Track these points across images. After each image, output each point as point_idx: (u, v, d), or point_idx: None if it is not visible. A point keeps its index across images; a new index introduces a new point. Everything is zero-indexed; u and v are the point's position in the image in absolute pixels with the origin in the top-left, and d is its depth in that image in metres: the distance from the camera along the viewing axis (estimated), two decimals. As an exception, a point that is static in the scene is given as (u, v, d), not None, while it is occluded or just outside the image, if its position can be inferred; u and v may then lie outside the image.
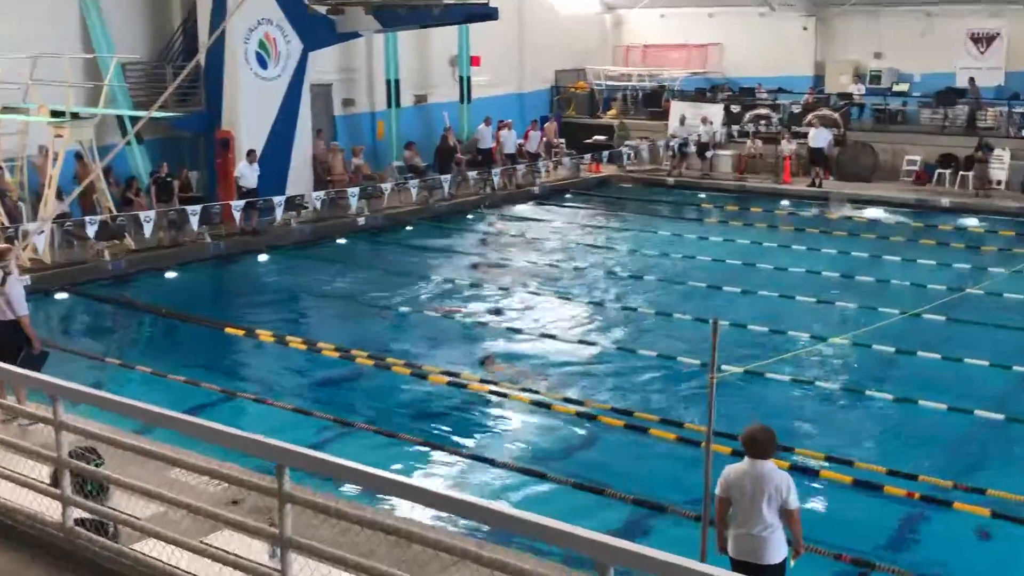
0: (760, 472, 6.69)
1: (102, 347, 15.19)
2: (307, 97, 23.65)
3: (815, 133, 27.57)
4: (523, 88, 33.00)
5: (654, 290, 18.09)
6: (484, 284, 18.53)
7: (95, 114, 18.95)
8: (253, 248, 20.91)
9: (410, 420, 12.16)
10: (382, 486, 5.43)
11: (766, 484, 6.65)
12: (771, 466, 6.76)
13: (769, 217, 24.77)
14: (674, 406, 12.43)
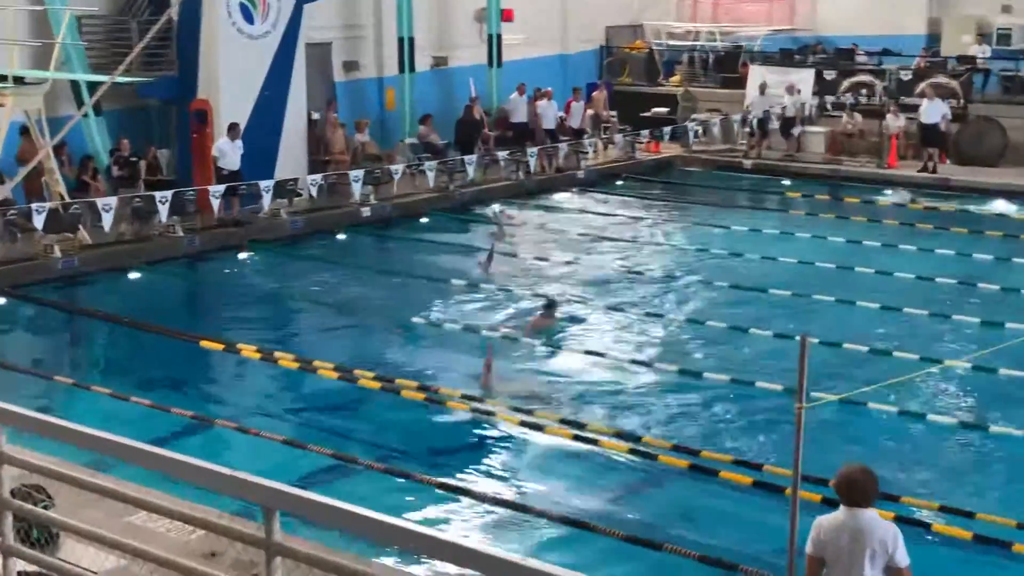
0: (860, 524, 6.67)
1: (50, 363, 15.37)
2: (301, 59, 23.83)
3: (928, 106, 27.38)
4: (566, 49, 33.07)
5: (726, 299, 18.03)
6: (515, 290, 18.55)
7: (45, 79, 19.17)
8: (234, 243, 21.08)
9: (424, 456, 12.21)
10: (392, 536, 5.44)
11: (868, 538, 6.62)
12: (874, 516, 6.73)
13: (870, 209, 24.62)
14: (751, 443, 12.40)
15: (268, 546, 5.71)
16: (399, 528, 5.37)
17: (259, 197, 21.64)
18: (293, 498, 5.58)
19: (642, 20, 35.48)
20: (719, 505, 11.16)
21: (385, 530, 5.39)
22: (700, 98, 32.21)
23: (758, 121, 29.49)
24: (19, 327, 17.49)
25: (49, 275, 18.72)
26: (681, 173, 29.52)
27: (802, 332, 8.24)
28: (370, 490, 10.97)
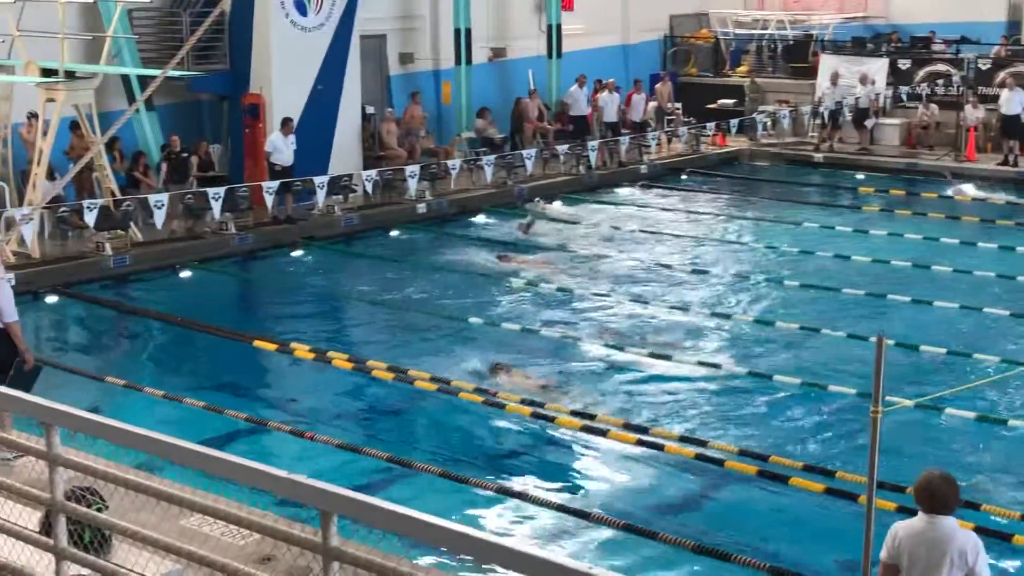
0: (939, 532, 6.60)
1: (101, 363, 15.59)
2: (356, 52, 23.97)
3: (1009, 96, 27.00)
4: (628, 39, 32.99)
5: (796, 299, 17.92)
6: (576, 289, 18.55)
7: (96, 73, 19.44)
8: (287, 241, 21.26)
9: (483, 460, 12.25)
10: (451, 541, 5.46)
11: (947, 547, 6.56)
12: (954, 525, 6.66)
13: (948, 205, 24.33)
14: (823, 448, 12.31)
15: (325, 551, 5.76)
16: (458, 533, 5.39)
17: (313, 193, 21.81)
18: (351, 502, 5.62)
19: (708, 8, 35.31)
20: (789, 513, 11.09)
21: (443, 535, 5.41)
22: (768, 89, 32.03)
23: (829, 113, 29.22)
24: (70, 326, 17.78)
25: (100, 273, 18.99)
26: (749, 167, 29.37)
27: (878, 333, 8.16)
28: (425, 494, 11.03)
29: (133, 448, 6.79)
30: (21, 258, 18.40)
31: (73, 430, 7.06)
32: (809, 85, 31.05)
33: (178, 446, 6.40)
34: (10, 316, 10.68)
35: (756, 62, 33.79)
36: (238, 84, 22.94)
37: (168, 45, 22.76)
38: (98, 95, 19.71)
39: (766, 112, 30.03)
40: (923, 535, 6.64)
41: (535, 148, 26.27)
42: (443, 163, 24.28)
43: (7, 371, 10.54)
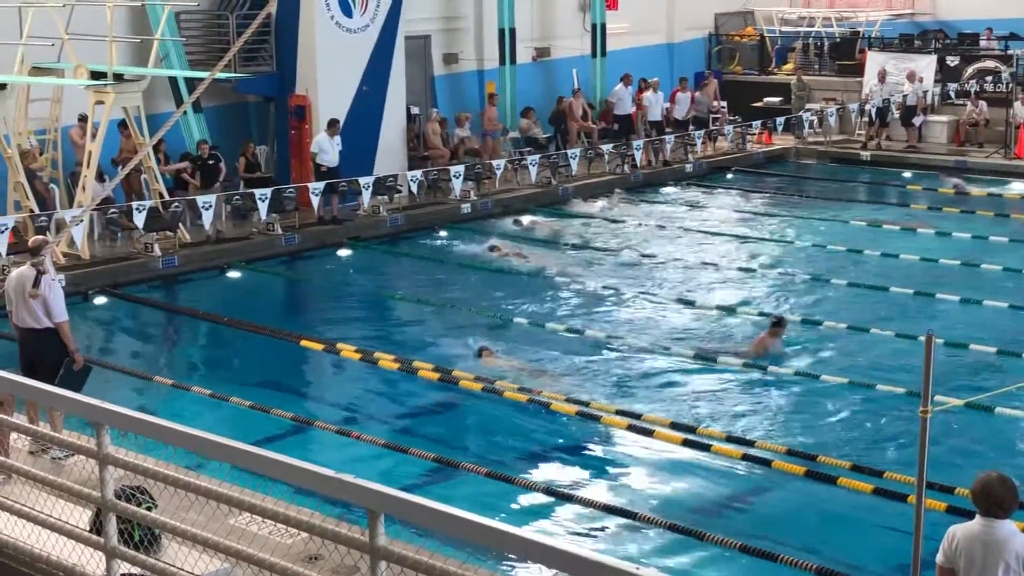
0: (996, 536, 6.53)
1: (149, 363, 15.76)
2: (401, 52, 24.06)
3: (1060, 92, 26.71)
4: (673, 38, 32.90)
5: (844, 298, 17.80)
6: (621, 289, 18.50)
7: (144, 76, 19.63)
8: (333, 241, 21.37)
9: (528, 460, 12.26)
10: (500, 542, 5.48)
11: (1003, 551, 6.48)
12: (1011, 528, 6.58)
13: (997, 203, 24.09)
14: (871, 448, 12.22)
15: (373, 550, 5.80)
16: (504, 533, 5.41)
17: (358, 194, 21.92)
18: (399, 501, 5.66)
19: (753, 6, 35.13)
20: (837, 513, 11.02)
21: (490, 535, 5.44)
22: (815, 87, 31.83)
23: (877, 110, 29.00)
24: (119, 326, 17.95)
25: (149, 274, 19.17)
26: (795, 166, 29.21)
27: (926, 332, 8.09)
28: (470, 493, 11.05)
29: (183, 448, 6.87)
30: (71, 259, 18.61)
31: (124, 430, 7.15)
32: (856, 82, 30.84)
33: (228, 446, 6.47)
34: (60, 316, 10.83)
35: (802, 60, 33.59)
36: (284, 86, 23.09)
37: (215, 47, 22.96)
38: (146, 97, 19.91)
39: (812, 110, 29.84)
40: (980, 538, 6.56)
41: (579, 147, 26.26)
42: (487, 163, 24.32)
43: (57, 371, 10.69)
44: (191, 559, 7.14)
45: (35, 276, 10.73)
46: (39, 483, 7.99)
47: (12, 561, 7.88)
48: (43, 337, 10.85)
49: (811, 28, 34.43)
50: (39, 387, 8.04)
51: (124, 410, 7.11)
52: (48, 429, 9.99)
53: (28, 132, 20.24)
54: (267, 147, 23.69)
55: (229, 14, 22.88)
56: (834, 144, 29.76)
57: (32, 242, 11.57)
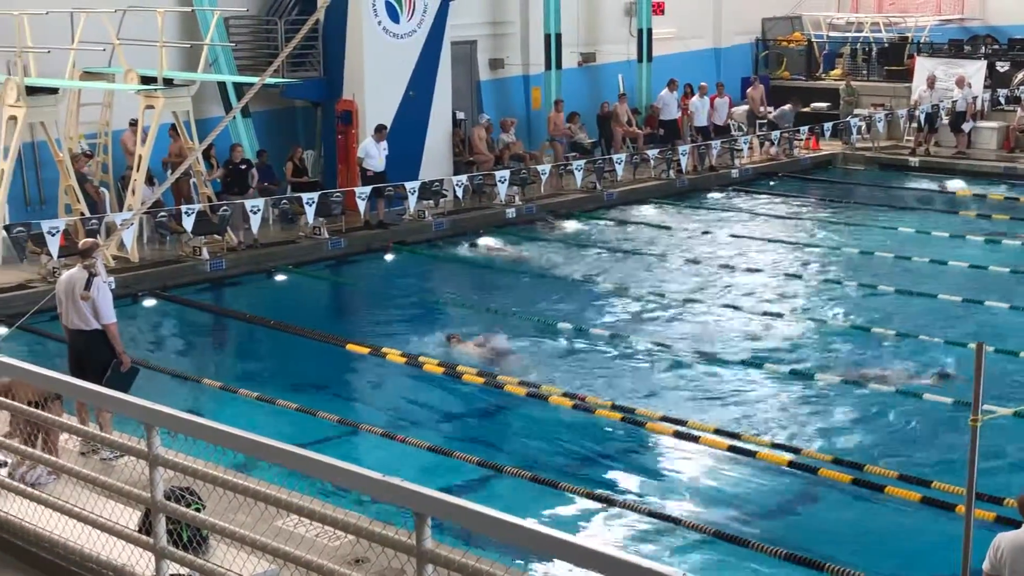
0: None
1: (197, 365, 15.89)
2: (447, 57, 24.14)
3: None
4: (720, 43, 32.78)
5: (891, 305, 17.66)
6: (667, 295, 18.47)
7: (193, 80, 19.81)
8: (379, 245, 21.47)
9: (572, 465, 12.26)
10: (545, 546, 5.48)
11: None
12: (1056, 538, 6.54)
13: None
14: (918, 458, 12.13)
15: (419, 553, 5.81)
16: (550, 537, 5.40)
17: (404, 199, 22.01)
18: (445, 505, 5.67)
19: (800, 11, 34.95)
20: (884, 523, 10.95)
21: (536, 539, 5.43)
22: (863, 92, 31.62)
23: (926, 116, 28.78)
24: (168, 329, 18.12)
25: (197, 277, 19.34)
26: (842, 171, 29.02)
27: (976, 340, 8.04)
28: (513, 497, 11.08)
29: (232, 449, 6.91)
30: (120, 262, 18.80)
31: (174, 431, 7.21)
32: (905, 88, 30.62)
33: (277, 448, 6.51)
34: (108, 318, 10.95)
35: (850, 65, 33.40)
36: (331, 91, 23.22)
37: (263, 53, 23.15)
38: (195, 102, 20.10)
39: (860, 116, 29.64)
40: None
41: (625, 153, 26.24)
42: (533, 168, 24.34)
43: (105, 372, 10.81)
44: (239, 560, 7.19)
45: (87, 278, 10.86)
46: (89, 483, 8.08)
47: (62, 560, 7.97)
48: (91, 338, 10.98)
49: (859, 33, 34.22)
50: (92, 388, 8.12)
51: (175, 411, 7.17)
52: (97, 430, 10.10)
53: (79, 136, 20.50)
54: (314, 152, 23.83)
55: (278, 20, 23.06)
56: (882, 150, 29.55)
57: (83, 244, 11.73)
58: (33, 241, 17.75)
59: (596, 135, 27.37)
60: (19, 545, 8.28)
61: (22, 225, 17.82)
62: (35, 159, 20.50)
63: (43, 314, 13.34)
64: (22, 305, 15.56)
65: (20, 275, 18.04)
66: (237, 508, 7.45)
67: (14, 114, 18.10)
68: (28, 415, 8.76)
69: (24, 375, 8.43)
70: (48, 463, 8.88)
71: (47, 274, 17.60)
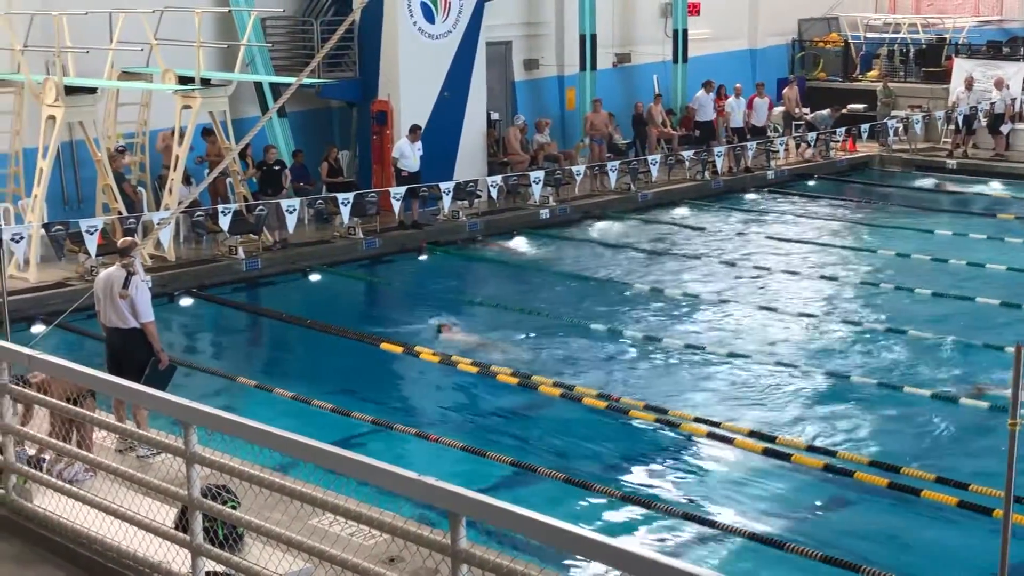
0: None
1: (232, 364, 15.96)
2: (482, 58, 24.16)
3: None
4: (756, 43, 32.66)
5: (928, 308, 17.54)
6: (702, 296, 18.42)
7: (230, 81, 19.92)
8: (413, 245, 21.51)
9: (605, 466, 12.25)
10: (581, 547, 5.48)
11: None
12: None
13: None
14: (955, 461, 12.04)
15: (454, 553, 5.82)
16: (586, 539, 5.40)
17: (438, 199, 22.05)
18: (481, 505, 5.68)
19: (837, 12, 34.78)
20: (921, 526, 10.88)
21: (572, 540, 5.44)
22: (900, 94, 31.43)
23: (964, 118, 28.57)
24: (204, 327, 18.23)
25: (233, 276, 19.44)
26: (880, 174, 28.86)
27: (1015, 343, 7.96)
28: (546, 498, 11.06)
29: (269, 448, 6.95)
30: (157, 261, 18.92)
31: (212, 429, 7.26)
32: (943, 90, 30.42)
33: (314, 447, 6.54)
34: (146, 316, 11.03)
35: (887, 66, 33.19)
36: (367, 91, 23.29)
37: (299, 53, 23.24)
38: (231, 102, 20.19)
39: (898, 117, 29.46)
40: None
41: (660, 154, 26.18)
42: (567, 169, 24.33)
43: (143, 370, 10.89)
44: (274, 558, 7.23)
45: (125, 277, 10.94)
46: (126, 480, 8.14)
47: (100, 557, 8.04)
48: (129, 337, 11.06)
49: (896, 34, 34.02)
50: (130, 385, 8.18)
51: (212, 410, 7.22)
52: (133, 427, 10.18)
53: (117, 135, 20.65)
54: (349, 152, 23.91)
55: (314, 20, 23.14)
56: (919, 152, 29.36)
57: (121, 243, 11.81)
58: (71, 240, 17.90)
59: (631, 136, 27.32)
60: (57, 541, 8.35)
61: (60, 224, 17.97)
62: (73, 158, 20.67)
63: (81, 312, 13.44)
64: (60, 303, 15.72)
65: (58, 273, 18.19)
66: (273, 506, 7.52)
67: (53, 114, 18.26)
68: (63, 411, 8.84)
69: (62, 372, 8.52)
70: (86, 460, 8.97)
71: (85, 272, 17.74)
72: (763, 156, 27.63)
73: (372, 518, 6.48)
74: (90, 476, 9.59)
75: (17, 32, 18.71)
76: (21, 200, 19.18)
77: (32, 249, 17.88)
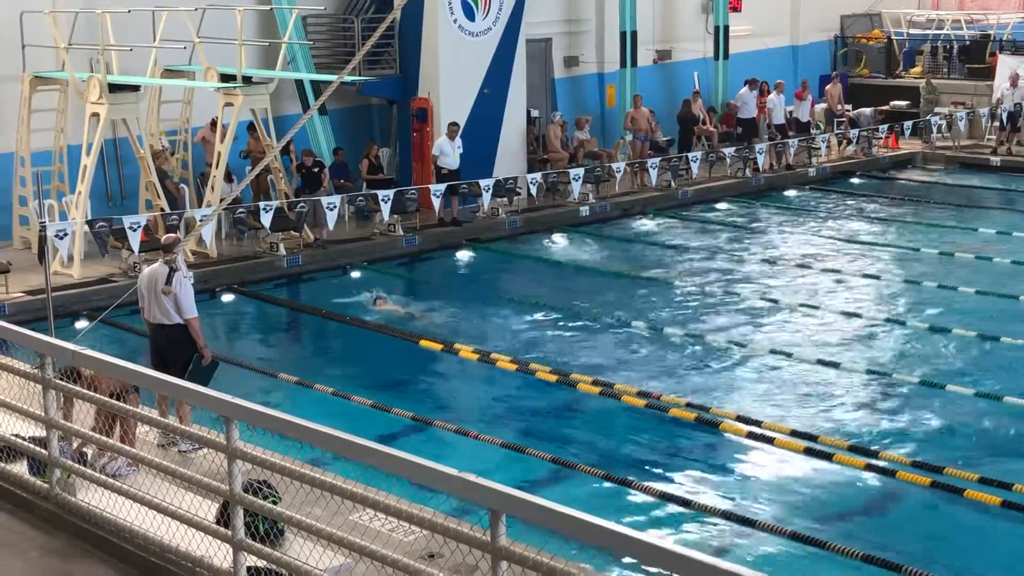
0: None
1: (273, 360, 16.04)
2: (522, 55, 24.13)
3: None
4: (797, 40, 32.48)
5: (973, 306, 17.39)
6: (743, 294, 18.34)
7: (272, 78, 20.01)
8: (453, 242, 21.54)
9: (645, 464, 12.22)
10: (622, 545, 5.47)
11: None
12: None
13: None
14: (998, 460, 11.95)
15: (494, 550, 5.82)
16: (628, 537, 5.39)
17: (478, 196, 22.06)
18: (521, 502, 5.68)
19: (880, 8, 34.51)
20: (964, 526, 10.81)
21: (613, 538, 5.43)
22: (943, 90, 31.14)
23: (1008, 115, 28.29)
24: (246, 324, 18.33)
25: (274, 272, 19.53)
26: (923, 171, 28.62)
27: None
28: (586, 495, 11.06)
29: (310, 444, 6.98)
30: (199, 257, 19.04)
31: (254, 425, 7.29)
32: (986, 86, 30.13)
33: (355, 443, 6.56)
34: (190, 312, 11.09)
35: (930, 63, 32.90)
36: (407, 88, 23.32)
37: (340, 51, 23.32)
38: (273, 99, 20.28)
39: (941, 114, 29.20)
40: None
41: (700, 151, 26.06)
42: (608, 166, 24.27)
43: (187, 366, 10.95)
44: (315, 553, 7.25)
45: (168, 273, 11.01)
46: (168, 475, 8.20)
47: (141, 551, 8.09)
48: (173, 332, 11.12)
49: (940, 31, 33.69)
50: (173, 381, 8.23)
51: (254, 405, 7.26)
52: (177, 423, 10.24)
53: (160, 133, 20.79)
54: (389, 149, 23.96)
55: (355, 18, 23.21)
56: (963, 149, 29.09)
57: (165, 239, 11.89)
58: (115, 236, 18.05)
59: (673, 133, 27.20)
60: (100, 535, 8.42)
61: (104, 220, 18.12)
62: (117, 155, 20.85)
63: (124, 308, 13.53)
64: (104, 299, 15.87)
65: (102, 269, 18.35)
66: (313, 502, 7.54)
67: (97, 111, 18.41)
68: (109, 406, 8.91)
69: (105, 367, 8.58)
70: (129, 455, 9.03)
71: (128, 269, 17.88)
72: (804, 153, 27.44)
73: (412, 514, 6.49)
74: (133, 471, 9.65)
75: (62, 30, 18.87)
76: (65, 197, 19.34)
77: (76, 245, 18.03)
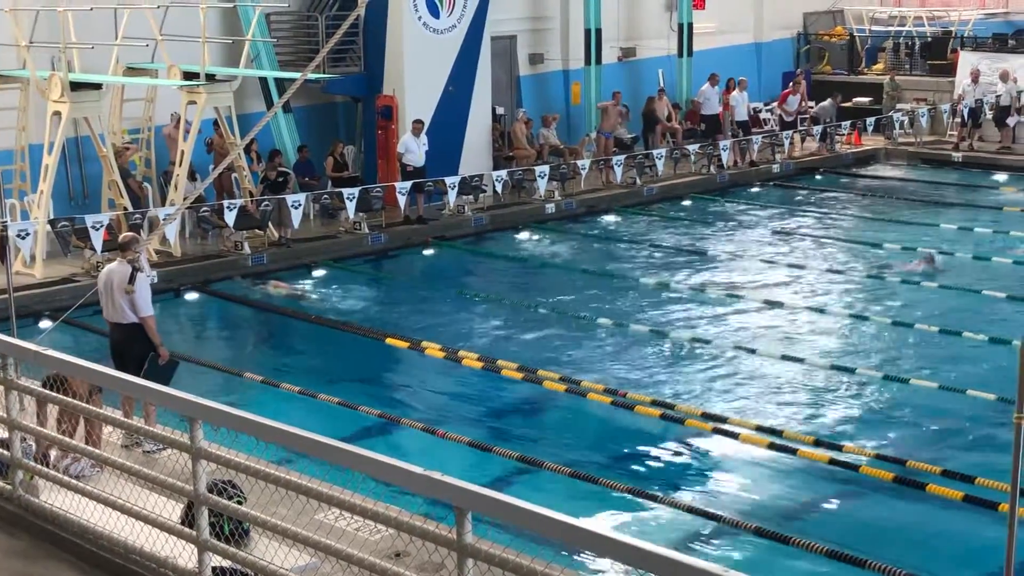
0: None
1: (238, 359, 15.97)
2: (487, 53, 24.13)
3: None
4: (761, 37, 32.63)
5: (934, 301, 17.52)
6: (707, 290, 18.42)
7: (235, 76, 19.92)
8: (418, 240, 21.52)
9: (611, 461, 12.26)
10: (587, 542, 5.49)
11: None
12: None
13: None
14: (961, 455, 12.03)
15: (460, 547, 5.83)
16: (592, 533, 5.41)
17: (444, 194, 22.04)
18: (486, 499, 5.68)
19: (842, 5, 34.74)
20: (926, 521, 10.87)
21: (578, 535, 5.44)
22: (905, 87, 31.36)
23: (969, 111, 28.52)
24: (210, 323, 18.25)
25: (237, 271, 19.44)
26: (885, 167, 28.80)
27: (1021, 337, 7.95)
28: (552, 493, 11.07)
29: (275, 443, 6.96)
30: (163, 256, 18.95)
31: (218, 425, 7.26)
32: (948, 83, 30.38)
33: (319, 441, 6.55)
34: (145, 311, 10.99)
35: (893, 59, 33.14)
36: (372, 86, 23.27)
37: (304, 48, 23.24)
38: (237, 97, 20.17)
39: (903, 111, 29.42)
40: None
41: (665, 148, 26.15)
42: (573, 163, 24.31)
43: (143, 365, 10.87)
44: (280, 553, 7.23)
45: (130, 272, 10.92)
46: (133, 475, 8.15)
47: (106, 552, 8.05)
48: (129, 331, 11.03)
49: (902, 27, 33.96)
50: (137, 382, 8.18)
51: (218, 405, 7.22)
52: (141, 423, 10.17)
53: (122, 131, 20.66)
54: (355, 147, 23.90)
55: (318, 15, 23.13)
56: (925, 145, 29.32)
57: (122, 238, 11.79)
58: (77, 235, 17.92)
59: (638, 130, 27.29)
60: (64, 537, 8.36)
61: (66, 220, 17.99)
62: (79, 154, 20.68)
63: (87, 308, 13.45)
64: (66, 299, 15.76)
65: (65, 269, 18.22)
66: (279, 501, 7.51)
67: (58, 109, 18.27)
68: (73, 408, 8.85)
69: (68, 368, 8.52)
70: (93, 456, 8.97)
71: (91, 268, 17.76)
72: (768, 150, 27.58)
73: (378, 513, 6.48)
74: (96, 471, 9.59)
75: (23, 28, 18.71)
76: (27, 196, 19.20)
77: (38, 245, 17.90)
